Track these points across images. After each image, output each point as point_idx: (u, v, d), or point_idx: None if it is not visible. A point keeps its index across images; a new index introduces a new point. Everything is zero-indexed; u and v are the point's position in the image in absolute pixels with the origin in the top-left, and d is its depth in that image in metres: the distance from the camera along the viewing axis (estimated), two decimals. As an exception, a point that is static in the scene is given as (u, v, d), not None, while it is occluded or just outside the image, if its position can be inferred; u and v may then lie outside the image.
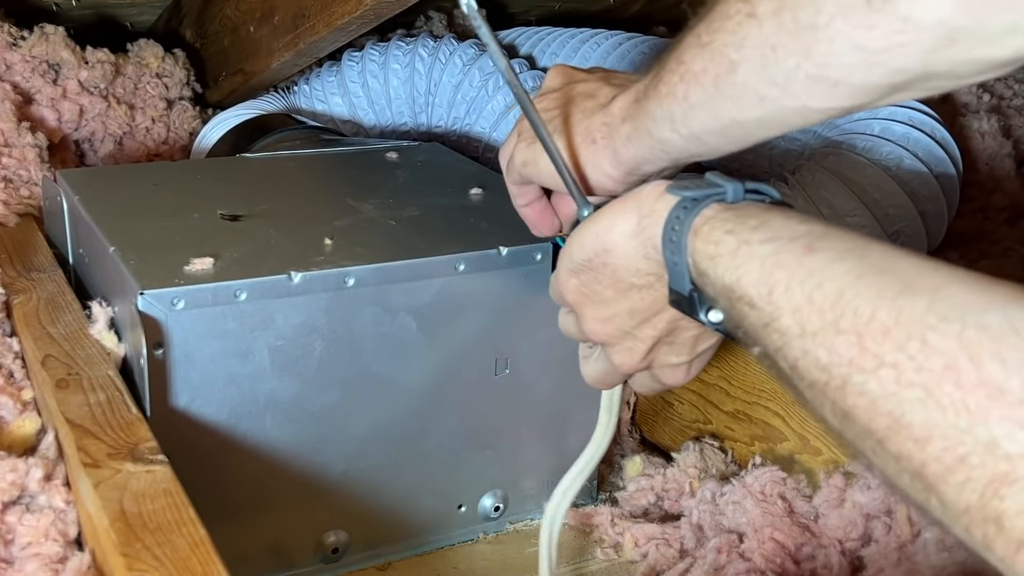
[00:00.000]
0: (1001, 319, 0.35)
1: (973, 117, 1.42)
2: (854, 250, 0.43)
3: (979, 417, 0.34)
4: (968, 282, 0.38)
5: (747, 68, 0.49)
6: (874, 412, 0.38)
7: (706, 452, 0.85)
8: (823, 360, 0.41)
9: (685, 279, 0.52)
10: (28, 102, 1.19)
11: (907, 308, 0.38)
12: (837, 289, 0.41)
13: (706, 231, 0.50)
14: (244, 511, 0.70)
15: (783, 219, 0.48)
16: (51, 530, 0.56)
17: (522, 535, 0.83)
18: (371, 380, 0.72)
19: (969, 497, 0.34)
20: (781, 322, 0.44)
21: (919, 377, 0.36)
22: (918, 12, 0.41)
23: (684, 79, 0.53)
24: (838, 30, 0.44)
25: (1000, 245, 1.20)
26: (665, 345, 0.61)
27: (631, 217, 0.56)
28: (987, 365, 0.34)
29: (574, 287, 0.60)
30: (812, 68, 0.47)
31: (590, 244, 0.58)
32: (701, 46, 0.52)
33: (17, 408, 0.67)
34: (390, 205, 0.84)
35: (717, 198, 0.52)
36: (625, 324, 0.59)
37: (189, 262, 0.67)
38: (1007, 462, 0.33)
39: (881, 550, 0.69)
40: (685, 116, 0.54)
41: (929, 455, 0.35)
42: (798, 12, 0.46)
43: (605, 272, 0.58)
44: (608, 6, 1.59)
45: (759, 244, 0.47)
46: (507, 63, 0.60)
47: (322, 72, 1.34)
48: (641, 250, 0.55)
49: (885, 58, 0.44)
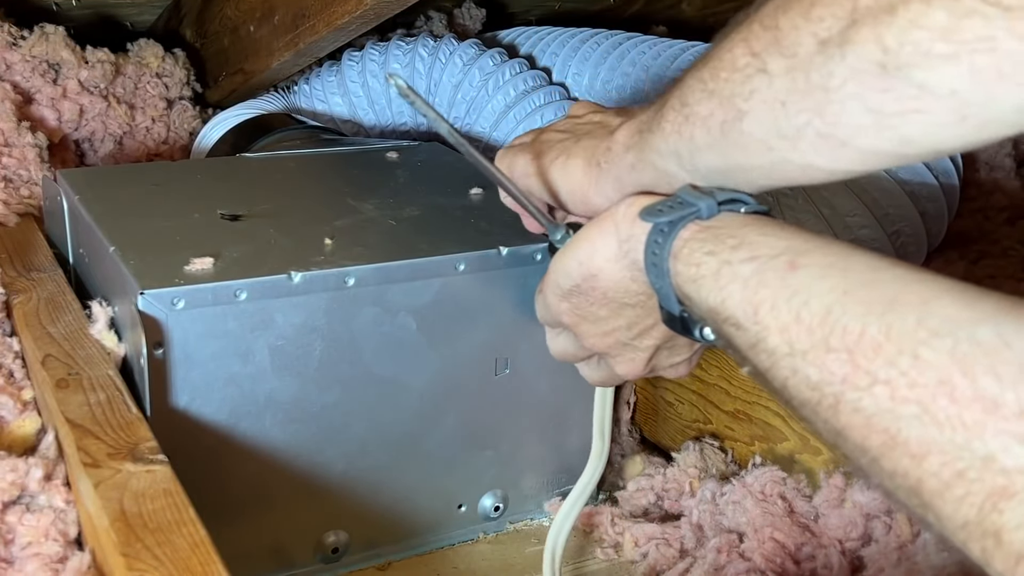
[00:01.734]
0: (993, 334, 0.35)
1: (973, 117, 1.42)
2: (837, 263, 0.43)
3: (975, 432, 0.34)
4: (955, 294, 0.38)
5: (755, 119, 0.48)
6: (869, 430, 0.38)
7: (706, 452, 0.86)
8: (814, 379, 0.41)
9: (673, 301, 0.52)
10: (28, 102, 1.19)
11: (896, 323, 0.38)
12: (824, 306, 0.41)
13: (686, 254, 0.50)
14: (244, 511, 0.70)
15: (761, 235, 0.47)
16: (51, 530, 0.56)
17: (522, 535, 0.83)
18: (371, 380, 0.72)
19: (967, 512, 0.34)
20: (768, 342, 0.43)
21: (913, 393, 0.36)
22: (933, 81, 0.40)
23: (689, 120, 0.52)
24: (851, 93, 0.43)
25: (1000, 245, 1.20)
26: (665, 350, 0.61)
27: (610, 241, 0.56)
28: (981, 380, 0.34)
29: (567, 310, 0.61)
30: (823, 126, 0.45)
31: (575, 271, 0.58)
32: (707, 92, 0.51)
33: (17, 408, 0.67)
34: (390, 205, 0.84)
35: (692, 218, 0.51)
36: (624, 336, 0.60)
37: (189, 262, 0.67)
38: (1005, 476, 0.33)
39: (881, 550, 0.69)
40: (692, 155, 0.53)
41: (926, 471, 0.35)
42: (811, 72, 0.45)
43: (595, 295, 0.58)
44: (608, 6, 1.59)
45: (740, 264, 0.47)
46: (449, 126, 0.61)
47: (322, 72, 1.34)
48: (628, 272, 0.56)
49: (896, 123, 0.42)
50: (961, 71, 0.39)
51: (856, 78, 0.43)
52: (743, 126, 0.49)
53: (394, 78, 0.60)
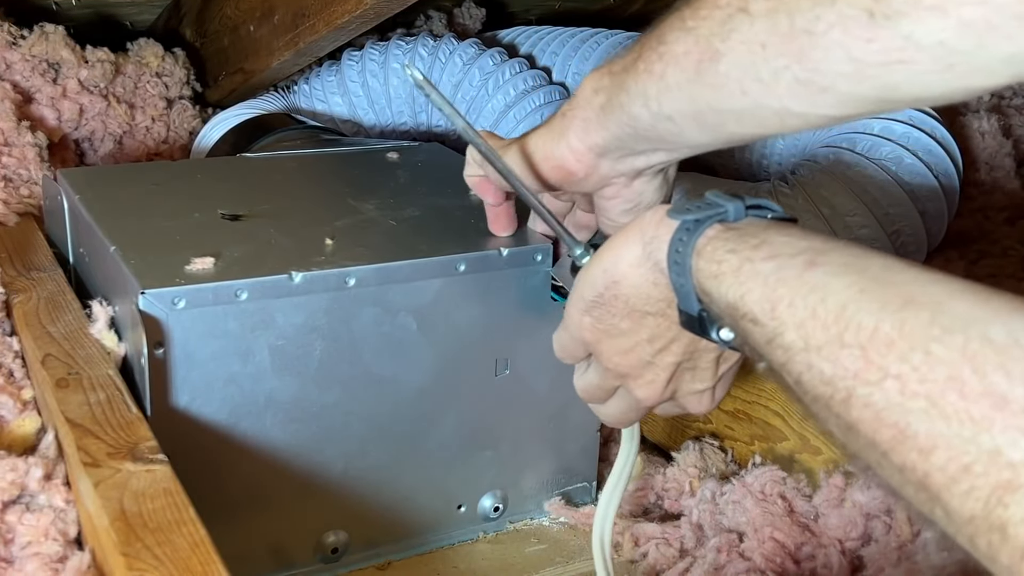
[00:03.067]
0: (1005, 332, 0.35)
1: (973, 117, 1.42)
2: (855, 263, 0.43)
3: (983, 426, 0.34)
4: (970, 294, 0.38)
5: (732, 60, 0.49)
6: (879, 423, 0.38)
7: (706, 452, 0.86)
8: (827, 373, 0.41)
9: (692, 300, 0.52)
10: (28, 101, 1.19)
11: (910, 320, 0.38)
12: (840, 303, 0.41)
13: (709, 251, 0.50)
14: (244, 511, 0.70)
15: (784, 236, 0.48)
16: (51, 529, 0.56)
17: (522, 535, 0.83)
18: (371, 380, 0.72)
19: (973, 506, 0.34)
20: (785, 337, 0.44)
21: (923, 388, 0.36)
22: (920, 32, 0.41)
23: (663, 59, 0.53)
24: (836, 40, 0.44)
25: (1000, 245, 1.20)
26: (687, 372, 0.61)
27: (635, 246, 0.56)
28: (991, 376, 0.34)
29: (588, 325, 0.60)
30: (801, 72, 0.46)
31: (600, 279, 0.58)
32: (686, 30, 0.51)
33: (17, 407, 0.67)
34: (390, 205, 0.84)
35: (719, 218, 0.52)
36: (645, 353, 0.59)
37: (190, 262, 0.67)
38: (1011, 470, 0.33)
39: (881, 549, 0.69)
40: (659, 95, 0.54)
41: (933, 465, 0.35)
42: (795, 16, 0.45)
43: (617, 304, 0.58)
44: (608, 5, 1.59)
45: (761, 261, 0.47)
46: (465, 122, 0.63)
47: (322, 71, 1.34)
48: (650, 276, 0.56)
49: (879, 72, 0.43)
50: (949, 23, 0.40)
51: (843, 24, 0.43)
52: (719, 67, 0.50)
53: (411, 68, 0.60)
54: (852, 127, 1.10)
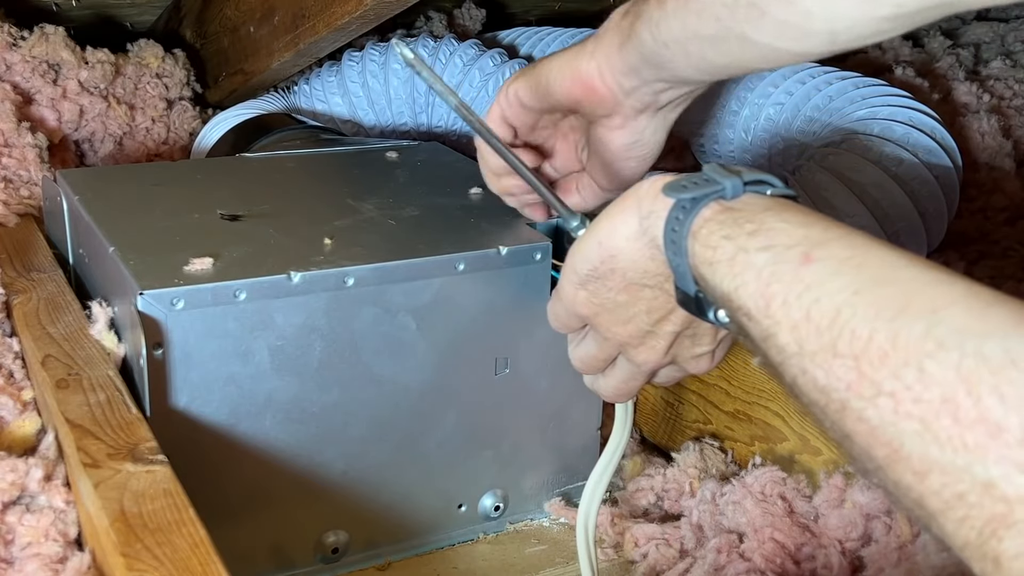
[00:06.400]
0: (1000, 349, 0.34)
1: (973, 117, 1.42)
2: (852, 259, 0.42)
3: (977, 455, 0.33)
4: (968, 301, 0.37)
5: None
6: (873, 440, 0.37)
7: (706, 452, 0.85)
8: (821, 382, 0.40)
9: (689, 280, 0.52)
10: (28, 102, 1.19)
11: (904, 332, 0.37)
12: (834, 306, 0.40)
13: (704, 234, 0.50)
14: (244, 511, 0.70)
15: (781, 222, 0.47)
16: (51, 530, 0.56)
17: (522, 535, 0.83)
18: (371, 380, 0.72)
19: (968, 534, 0.34)
20: (779, 338, 0.43)
21: (917, 409, 0.36)
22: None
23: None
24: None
25: (1000, 245, 1.20)
26: (687, 338, 0.60)
27: (631, 219, 0.55)
28: (985, 400, 0.34)
29: (584, 299, 0.60)
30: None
31: (594, 252, 0.58)
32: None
33: (17, 408, 0.67)
34: (390, 205, 0.84)
35: (715, 196, 0.51)
36: (644, 323, 0.59)
37: (189, 262, 0.67)
38: (1004, 504, 0.33)
39: (881, 550, 0.69)
40: (659, 20, 0.58)
41: (928, 489, 0.35)
42: None
43: (614, 278, 0.57)
44: (608, 6, 1.59)
45: (756, 252, 0.46)
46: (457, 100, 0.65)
47: (322, 72, 1.34)
48: (647, 251, 0.55)
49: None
50: None
51: None
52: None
53: (400, 46, 0.61)
54: (852, 128, 1.10)
